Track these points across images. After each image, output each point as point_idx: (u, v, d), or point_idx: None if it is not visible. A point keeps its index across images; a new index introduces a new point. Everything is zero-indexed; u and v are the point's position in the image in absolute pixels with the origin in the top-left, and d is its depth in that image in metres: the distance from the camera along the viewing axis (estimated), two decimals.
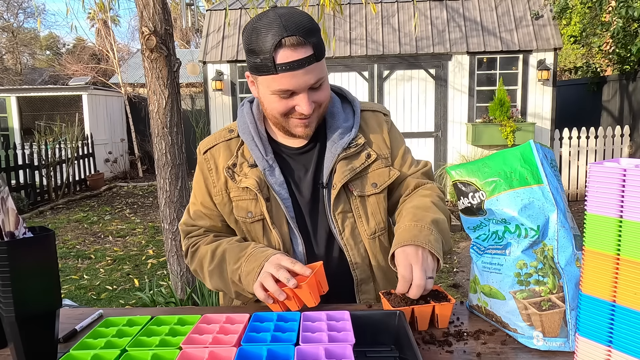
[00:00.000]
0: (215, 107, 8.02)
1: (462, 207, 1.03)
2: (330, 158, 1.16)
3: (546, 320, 0.88)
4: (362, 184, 1.18)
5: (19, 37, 22.29)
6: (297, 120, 1.11)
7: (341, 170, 1.16)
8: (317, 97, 1.09)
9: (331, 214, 1.16)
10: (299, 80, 1.03)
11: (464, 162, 1.04)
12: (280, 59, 1.01)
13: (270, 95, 1.08)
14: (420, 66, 7.74)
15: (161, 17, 3.15)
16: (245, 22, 7.93)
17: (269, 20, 1.02)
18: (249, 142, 1.18)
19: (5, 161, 7.51)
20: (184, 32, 22.24)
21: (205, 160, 1.23)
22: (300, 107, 1.07)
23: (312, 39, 1.03)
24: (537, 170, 0.92)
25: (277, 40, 1.00)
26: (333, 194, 1.15)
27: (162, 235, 4.28)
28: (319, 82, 1.07)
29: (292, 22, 1.01)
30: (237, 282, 1.09)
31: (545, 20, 7.67)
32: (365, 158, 1.18)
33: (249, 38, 1.04)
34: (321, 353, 0.76)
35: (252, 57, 1.05)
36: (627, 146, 7.41)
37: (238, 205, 1.18)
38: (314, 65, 1.03)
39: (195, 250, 1.21)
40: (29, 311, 0.81)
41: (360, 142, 1.19)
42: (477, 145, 7.47)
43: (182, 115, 3.40)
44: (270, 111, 1.12)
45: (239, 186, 1.17)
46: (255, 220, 1.17)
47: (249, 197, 1.16)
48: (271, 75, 1.03)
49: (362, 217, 1.18)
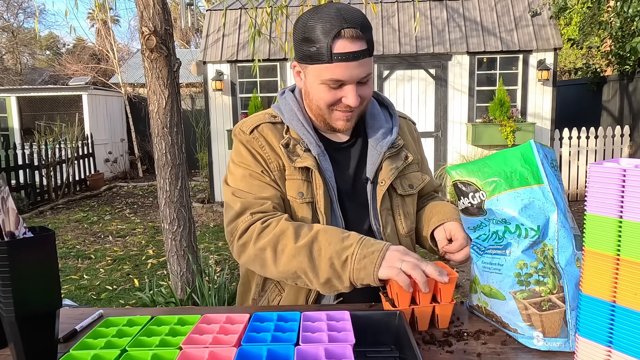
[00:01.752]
0: (215, 107, 8.02)
1: (462, 207, 1.03)
2: (376, 155, 1.20)
3: (546, 321, 0.88)
4: (402, 184, 1.23)
5: (19, 37, 22.29)
6: (340, 113, 1.13)
7: (387, 168, 1.20)
8: (363, 92, 1.12)
9: (377, 210, 1.19)
10: (351, 72, 1.06)
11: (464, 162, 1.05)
12: (337, 48, 1.04)
13: (319, 85, 1.10)
14: (420, 66, 7.74)
15: (161, 17, 3.15)
16: (245, 22, 7.94)
17: (329, 12, 1.06)
18: (298, 127, 1.18)
19: (5, 161, 7.50)
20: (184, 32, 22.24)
21: (254, 139, 1.18)
22: (348, 99, 1.09)
23: (367, 34, 1.07)
24: (538, 170, 0.92)
25: (337, 31, 1.03)
26: (382, 190, 1.18)
27: (162, 235, 4.28)
28: (367, 78, 1.10)
29: (351, 16, 1.05)
30: (341, 263, 0.99)
31: (545, 21, 7.66)
32: (404, 159, 1.24)
33: (304, 27, 1.08)
34: (321, 353, 0.76)
35: (305, 45, 1.08)
36: (627, 146, 7.41)
37: (290, 185, 1.16)
38: (366, 59, 1.07)
39: (267, 226, 1.07)
40: (29, 311, 0.81)
41: (400, 144, 1.25)
42: (477, 145, 7.47)
43: (182, 115, 3.40)
44: (317, 101, 1.14)
45: (295, 165, 1.15)
46: (305, 202, 1.15)
47: (301, 177, 1.16)
48: (325, 64, 1.06)
49: (401, 215, 1.22)
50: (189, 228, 3.42)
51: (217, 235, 6.17)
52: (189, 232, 3.42)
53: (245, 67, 7.88)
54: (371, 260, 0.97)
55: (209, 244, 5.75)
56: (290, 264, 1.03)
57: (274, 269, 1.06)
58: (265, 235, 1.06)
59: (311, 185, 1.16)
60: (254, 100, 7.55)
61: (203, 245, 5.68)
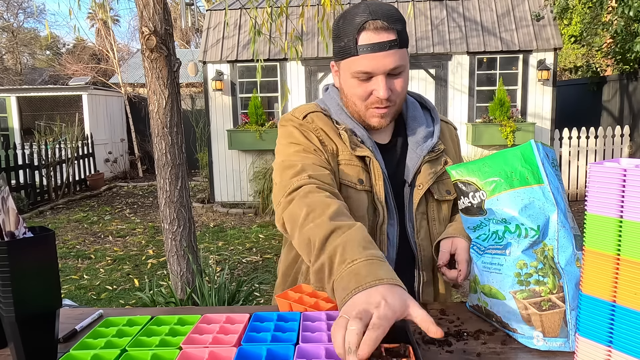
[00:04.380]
0: (215, 107, 8.02)
1: (462, 207, 1.03)
2: (416, 158, 1.19)
3: (546, 320, 0.88)
4: (439, 189, 1.21)
5: (19, 37, 22.29)
6: (374, 110, 1.13)
7: (426, 172, 1.18)
8: (394, 84, 1.10)
9: (412, 213, 1.18)
10: (377, 62, 1.06)
11: (464, 162, 1.05)
12: (362, 40, 1.05)
13: (350, 79, 1.11)
14: (420, 66, 7.74)
15: (161, 17, 3.15)
16: (245, 22, 7.94)
17: (359, 8, 1.08)
18: (348, 121, 1.18)
19: (5, 161, 7.51)
20: (184, 32, 22.24)
21: (308, 123, 1.17)
22: (377, 91, 1.09)
23: (396, 25, 1.06)
24: (538, 170, 0.92)
25: (362, 23, 1.05)
26: (419, 194, 1.17)
27: (162, 235, 4.28)
28: (398, 70, 1.09)
29: (378, 9, 1.07)
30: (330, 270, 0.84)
31: (545, 21, 7.66)
32: (443, 164, 1.22)
33: (337, 25, 1.11)
34: (321, 353, 0.76)
35: (337, 42, 1.10)
36: (627, 146, 7.41)
37: (348, 170, 1.13)
38: (394, 50, 1.06)
39: (320, 192, 0.99)
40: (29, 311, 0.81)
41: (441, 148, 1.23)
42: (477, 146, 7.47)
43: (182, 115, 3.40)
44: (351, 97, 1.14)
45: (355, 154, 1.13)
46: (364, 190, 1.14)
47: (360, 165, 1.15)
48: (352, 57, 1.07)
49: (436, 220, 1.20)
50: (189, 228, 3.42)
51: (217, 235, 6.17)
52: (189, 232, 3.43)
53: (245, 67, 7.88)
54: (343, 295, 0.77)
55: (209, 244, 5.75)
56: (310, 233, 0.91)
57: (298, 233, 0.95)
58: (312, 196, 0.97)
59: (370, 175, 1.14)
60: (254, 100, 7.55)
61: (203, 245, 5.68)
